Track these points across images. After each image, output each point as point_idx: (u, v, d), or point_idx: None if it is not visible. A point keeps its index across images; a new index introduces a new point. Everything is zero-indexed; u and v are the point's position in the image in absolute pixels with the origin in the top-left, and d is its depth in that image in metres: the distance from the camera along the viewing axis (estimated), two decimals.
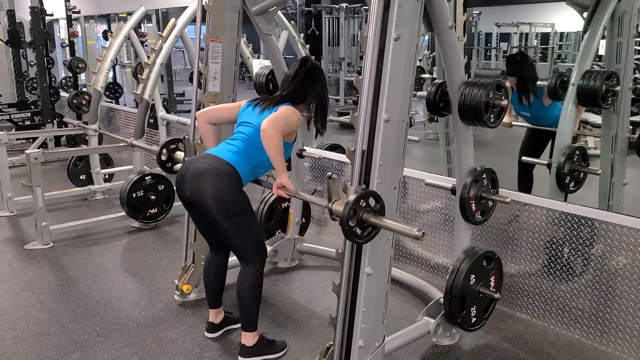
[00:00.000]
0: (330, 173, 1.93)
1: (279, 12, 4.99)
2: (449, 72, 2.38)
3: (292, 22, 5.33)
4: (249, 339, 2.58)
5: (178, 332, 2.89)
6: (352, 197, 1.84)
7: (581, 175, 3.40)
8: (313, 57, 2.78)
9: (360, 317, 2.05)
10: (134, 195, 4.31)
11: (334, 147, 5.08)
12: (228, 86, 3.00)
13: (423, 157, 7.42)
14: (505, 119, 4.09)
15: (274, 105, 2.53)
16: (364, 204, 1.87)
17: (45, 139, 6.76)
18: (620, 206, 3.57)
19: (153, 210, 4.44)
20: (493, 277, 2.68)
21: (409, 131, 2.08)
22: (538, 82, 3.85)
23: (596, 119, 6.21)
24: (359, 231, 1.88)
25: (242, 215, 2.43)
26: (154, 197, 4.39)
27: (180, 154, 3.09)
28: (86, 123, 5.44)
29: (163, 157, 3.21)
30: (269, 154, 2.37)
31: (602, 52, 3.68)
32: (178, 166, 3.19)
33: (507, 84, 3.83)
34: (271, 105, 2.54)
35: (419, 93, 2.87)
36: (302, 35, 5.46)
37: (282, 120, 2.40)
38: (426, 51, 9.41)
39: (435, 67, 7.41)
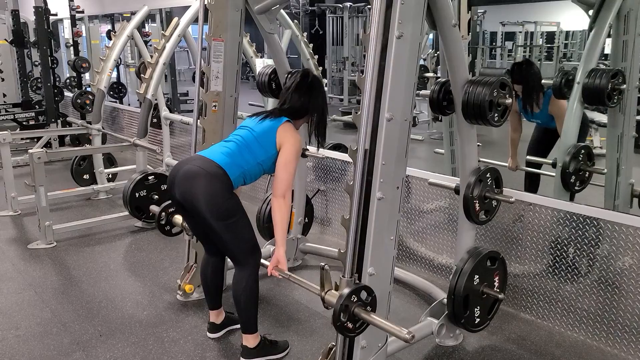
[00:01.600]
0: (323, 264, 1.95)
1: (282, 11, 4.97)
2: (452, 71, 2.36)
3: (296, 21, 5.30)
4: (250, 340, 2.57)
5: (180, 332, 2.88)
6: (344, 292, 1.87)
7: (586, 175, 3.37)
8: (317, 57, 2.77)
9: None
10: (137, 194, 4.31)
11: (337, 147, 5.06)
12: (230, 85, 2.99)
13: (427, 157, 7.40)
14: (511, 164, 4.07)
15: (275, 117, 2.53)
16: (356, 299, 1.89)
17: (49, 139, 6.77)
18: (627, 206, 3.53)
19: None
20: (497, 278, 2.65)
21: (413, 130, 2.06)
22: (545, 88, 3.80)
23: (602, 117, 6.17)
24: (350, 326, 1.90)
25: (234, 217, 2.41)
26: (156, 196, 4.38)
27: (178, 218, 3.04)
28: (90, 123, 5.44)
29: (162, 221, 3.16)
30: (274, 218, 2.42)
31: (607, 50, 3.65)
32: (177, 229, 3.18)
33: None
34: (272, 116, 2.54)
35: (423, 92, 2.86)
36: (305, 34, 5.43)
37: (290, 167, 2.45)
38: (430, 50, 9.38)
39: (439, 66, 7.39)
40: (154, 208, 3.22)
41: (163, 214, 3.12)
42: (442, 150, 4.44)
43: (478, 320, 2.63)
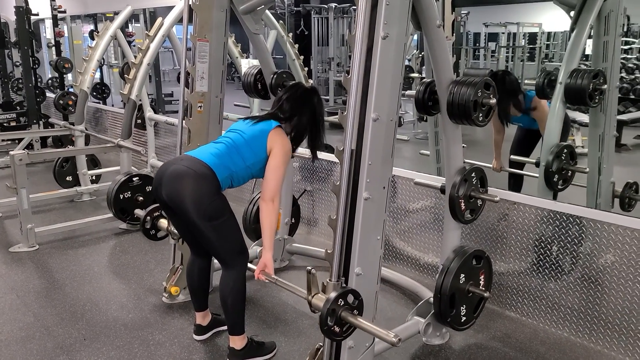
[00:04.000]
0: (309, 268, 1.95)
1: (268, 12, 4.96)
2: (437, 71, 2.38)
3: (281, 21, 5.29)
4: (237, 342, 2.56)
5: (166, 335, 2.86)
6: (331, 296, 1.87)
7: (569, 174, 3.41)
8: (302, 58, 2.77)
9: None
10: (122, 196, 4.26)
11: (324, 147, 5.06)
12: (216, 86, 2.98)
13: (412, 157, 7.43)
14: (495, 165, 4.11)
15: (266, 121, 2.54)
16: (342, 302, 1.89)
17: (31, 140, 6.67)
18: (608, 204, 3.59)
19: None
20: (483, 276, 2.68)
21: (399, 130, 2.07)
22: (527, 86, 3.84)
23: (584, 117, 6.26)
24: (337, 329, 1.90)
25: (221, 218, 2.40)
26: (141, 198, 4.34)
27: (164, 222, 3.02)
28: (72, 124, 5.38)
29: (147, 225, 3.12)
30: (262, 223, 2.43)
31: (588, 51, 3.69)
32: (162, 233, 3.14)
33: None
34: (264, 120, 2.55)
35: (408, 92, 2.86)
36: (291, 35, 5.43)
37: (279, 172, 2.45)
38: (415, 50, 9.44)
39: (424, 67, 7.43)
40: (139, 212, 3.18)
41: (148, 218, 3.09)
42: (427, 152, 4.47)
43: (464, 318, 2.65)
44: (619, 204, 3.59)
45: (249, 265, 2.54)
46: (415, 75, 7.88)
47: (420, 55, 8.89)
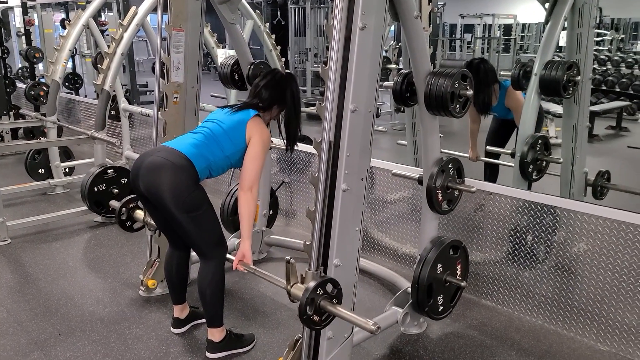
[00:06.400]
0: (289, 257, 1.94)
1: (244, 1, 4.90)
2: (415, 62, 2.38)
3: (258, 11, 5.24)
4: (215, 334, 2.55)
5: (143, 329, 2.83)
6: (310, 285, 1.87)
7: (544, 164, 3.47)
8: (279, 48, 2.75)
9: None
10: (96, 189, 4.20)
11: (302, 139, 5.04)
12: (192, 77, 2.93)
13: (390, 148, 7.47)
14: (471, 154, 4.15)
15: (244, 110, 2.52)
16: (322, 291, 1.89)
17: (1, 132, 6.52)
18: (581, 194, 3.66)
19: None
20: (459, 266, 2.71)
21: (376, 122, 2.07)
22: (502, 76, 3.87)
23: (557, 108, 6.36)
24: (316, 319, 1.90)
25: (200, 209, 2.38)
26: (116, 190, 4.28)
27: (140, 213, 2.97)
28: (44, 115, 5.25)
29: (123, 217, 3.07)
30: (241, 213, 2.39)
31: (562, 43, 3.75)
32: (138, 225, 3.10)
33: None
34: (242, 110, 2.53)
35: (386, 83, 2.86)
36: (267, 25, 5.38)
37: (258, 162, 2.43)
38: (392, 42, 9.46)
39: (401, 58, 7.45)
40: (114, 203, 3.13)
41: (124, 209, 3.04)
42: (404, 142, 4.49)
43: (441, 308, 2.68)
44: (591, 193, 3.66)
45: (228, 256, 2.53)
46: (393, 66, 7.91)
47: (398, 46, 8.91)
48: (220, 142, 2.44)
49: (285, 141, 2.68)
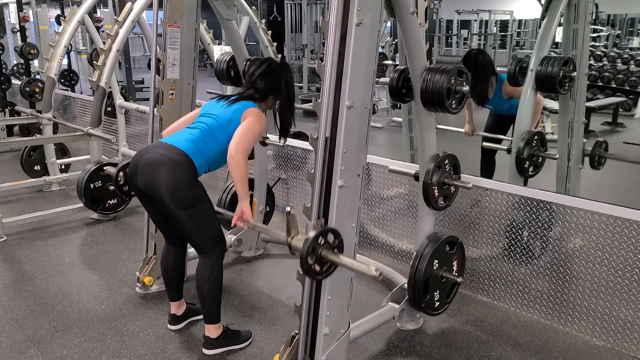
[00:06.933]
0: (289, 208, 1.91)
1: None
2: (411, 59, 2.38)
3: (254, 7, 5.23)
4: (212, 331, 2.55)
5: (140, 325, 2.83)
6: (311, 234, 1.84)
7: (540, 160, 3.48)
8: (276, 44, 2.74)
9: (325, 305, 2.05)
10: (92, 185, 4.19)
11: (298, 135, 5.04)
12: (188, 73, 2.93)
13: (386, 144, 7.47)
14: (467, 129, 4.14)
15: (240, 102, 2.50)
16: (323, 241, 1.87)
17: None
18: (577, 189, 3.67)
19: (112, 201, 4.33)
20: (455, 262, 2.72)
21: (373, 118, 2.07)
22: (498, 69, 3.88)
23: (553, 104, 6.37)
24: (317, 268, 1.88)
25: (198, 206, 2.38)
26: (112, 187, 4.26)
27: None
28: (40, 112, 5.23)
29: (120, 181, 3.06)
30: (233, 177, 2.36)
31: (559, 39, 3.75)
32: None
33: None
34: (237, 102, 2.51)
35: (382, 79, 2.87)
36: (264, 21, 5.37)
37: (248, 136, 2.38)
38: (388, 38, 9.44)
39: (397, 54, 7.45)
40: (110, 169, 3.11)
41: (121, 173, 3.02)
42: (399, 119, 4.42)
43: (437, 303, 2.68)
44: (589, 163, 3.64)
45: (222, 211, 2.49)
46: (389, 62, 7.89)
47: (394, 42, 8.90)
48: (217, 137, 2.43)
49: (279, 131, 2.67)
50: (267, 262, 3.61)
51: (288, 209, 1.92)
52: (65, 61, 6.80)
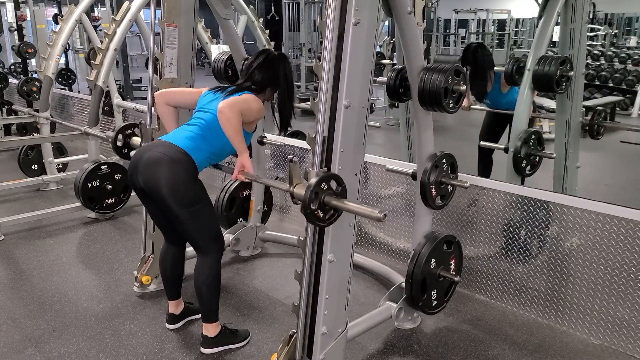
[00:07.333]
0: (291, 156, 1.90)
1: None
2: (408, 58, 2.38)
3: (251, 6, 5.23)
4: (210, 330, 2.55)
5: (138, 325, 2.83)
6: (313, 180, 1.83)
7: (537, 159, 3.48)
8: (273, 44, 2.73)
9: (322, 304, 2.05)
10: (90, 185, 4.18)
11: (295, 134, 5.04)
12: (185, 72, 2.93)
13: (384, 143, 7.48)
14: (465, 103, 4.13)
15: (235, 93, 2.48)
16: (326, 186, 1.86)
17: None
18: (574, 189, 3.68)
19: (110, 200, 4.32)
20: (453, 261, 2.72)
21: (370, 117, 2.07)
22: (495, 69, 3.89)
23: (550, 103, 6.38)
24: (320, 214, 1.87)
25: (198, 204, 2.38)
26: (110, 186, 4.27)
27: (136, 140, 2.97)
28: (37, 111, 5.23)
29: (119, 143, 3.07)
30: (226, 133, 2.33)
31: (556, 38, 3.75)
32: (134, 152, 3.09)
33: None
34: (232, 93, 2.49)
35: (379, 79, 2.88)
36: (261, 20, 5.37)
37: (241, 103, 2.37)
38: (386, 37, 9.44)
39: (395, 53, 7.44)
40: (109, 133, 3.13)
41: (120, 135, 3.02)
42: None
43: (435, 302, 2.69)
44: (588, 133, 3.58)
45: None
46: (387, 61, 7.89)
47: (392, 41, 8.90)
48: (216, 131, 2.42)
49: (277, 123, 2.65)
50: (265, 261, 3.62)
51: (290, 157, 1.91)
52: (62, 60, 6.79)
